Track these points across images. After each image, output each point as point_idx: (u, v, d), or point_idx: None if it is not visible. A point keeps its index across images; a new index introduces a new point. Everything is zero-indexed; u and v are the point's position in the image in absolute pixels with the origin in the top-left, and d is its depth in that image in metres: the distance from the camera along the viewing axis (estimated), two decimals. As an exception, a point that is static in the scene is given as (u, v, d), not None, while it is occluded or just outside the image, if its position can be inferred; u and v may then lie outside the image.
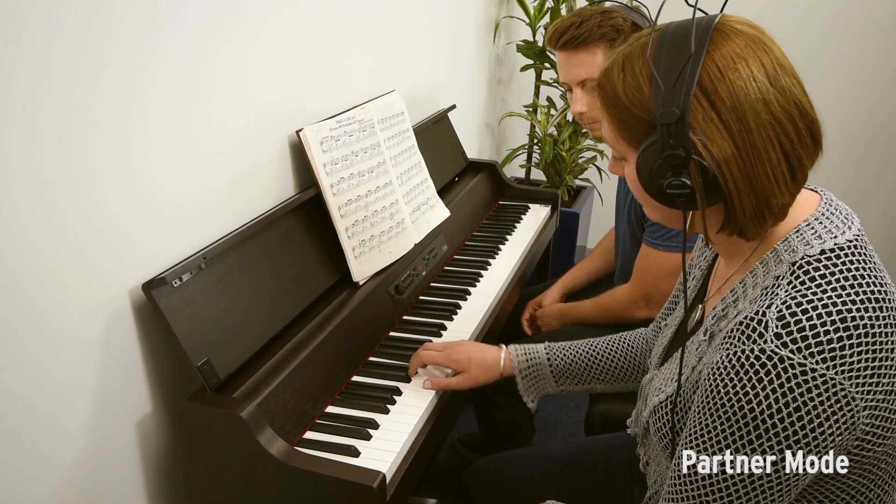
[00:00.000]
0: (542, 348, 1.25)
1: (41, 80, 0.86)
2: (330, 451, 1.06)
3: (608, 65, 0.80)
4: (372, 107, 1.55)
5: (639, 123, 0.76)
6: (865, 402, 0.70)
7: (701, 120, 0.72)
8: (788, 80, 0.73)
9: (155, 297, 1.00)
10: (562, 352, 1.24)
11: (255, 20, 1.24)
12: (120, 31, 0.96)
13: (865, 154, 2.82)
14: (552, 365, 1.23)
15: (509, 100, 2.97)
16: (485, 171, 2.16)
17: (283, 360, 1.15)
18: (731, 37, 0.73)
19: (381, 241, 1.48)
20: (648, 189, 0.78)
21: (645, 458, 1.03)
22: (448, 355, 1.24)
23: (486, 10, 2.52)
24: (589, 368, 1.23)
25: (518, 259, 1.80)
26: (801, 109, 0.73)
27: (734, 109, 0.71)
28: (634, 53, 0.77)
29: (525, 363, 1.24)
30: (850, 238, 0.76)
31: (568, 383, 1.24)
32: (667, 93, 0.72)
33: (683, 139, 0.72)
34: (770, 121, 0.72)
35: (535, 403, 1.25)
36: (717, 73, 0.72)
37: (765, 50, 0.73)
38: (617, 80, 0.78)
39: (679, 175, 0.74)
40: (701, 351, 0.84)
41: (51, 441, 0.96)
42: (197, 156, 1.15)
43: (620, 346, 1.24)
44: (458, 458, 2.08)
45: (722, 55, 0.72)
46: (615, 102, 0.78)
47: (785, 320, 0.70)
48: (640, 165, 0.78)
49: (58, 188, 0.90)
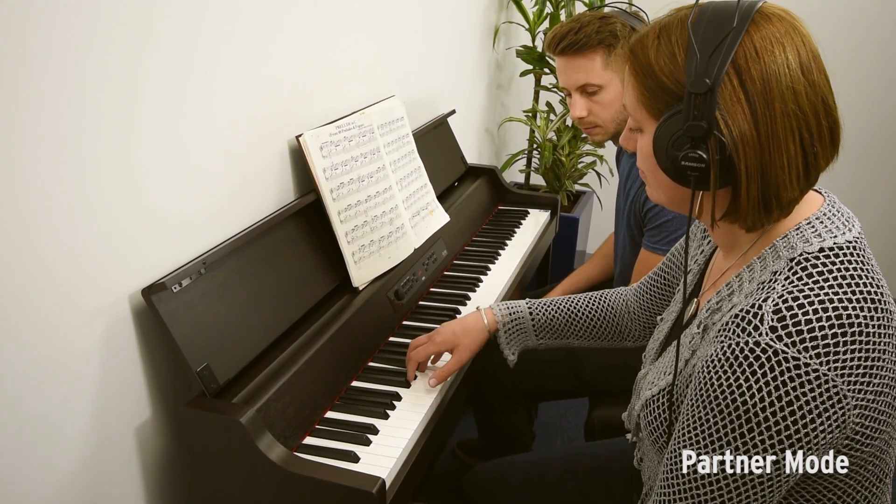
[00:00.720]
0: (524, 303, 1.29)
1: (42, 86, 0.86)
2: (329, 457, 1.06)
3: (643, 33, 0.80)
4: (372, 112, 1.55)
5: (664, 93, 0.76)
6: (856, 400, 0.71)
7: (727, 97, 0.72)
8: (820, 76, 0.74)
9: (155, 302, 1.00)
10: (543, 307, 1.28)
11: (254, 25, 1.24)
12: (120, 36, 0.96)
13: (863, 157, 2.82)
14: (534, 318, 1.28)
15: (509, 105, 2.97)
16: (484, 176, 2.16)
17: (282, 366, 1.15)
18: (773, 20, 0.73)
19: (380, 247, 1.48)
20: (661, 161, 0.78)
21: (639, 454, 1.03)
22: (433, 340, 1.26)
23: (486, 15, 2.52)
24: (568, 324, 1.27)
25: (518, 264, 1.80)
26: (826, 107, 0.73)
27: (763, 93, 0.71)
28: (672, 24, 0.77)
29: (508, 317, 1.28)
30: (850, 239, 0.77)
31: (547, 337, 1.29)
32: (701, 62, 0.72)
33: (709, 112, 0.72)
34: (796, 111, 0.71)
35: (514, 356, 1.29)
36: (753, 54, 0.72)
37: (802, 40, 0.73)
38: (651, 46, 0.77)
39: (697, 148, 0.73)
40: (694, 344, 0.84)
41: (50, 446, 0.96)
42: (197, 161, 1.15)
43: (600, 305, 1.28)
44: (457, 464, 2.07)
45: (761, 37, 0.72)
46: (645, 69, 0.78)
47: (781, 314, 0.70)
48: (657, 135, 0.77)
49: (58, 194, 0.90)
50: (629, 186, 1.58)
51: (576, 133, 2.61)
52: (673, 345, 0.90)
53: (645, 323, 1.25)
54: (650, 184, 0.86)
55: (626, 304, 1.26)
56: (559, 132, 2.61)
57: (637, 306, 1.25)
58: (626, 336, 1.28)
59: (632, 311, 1.26)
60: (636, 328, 1.26)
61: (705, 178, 0.75)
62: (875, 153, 2.83)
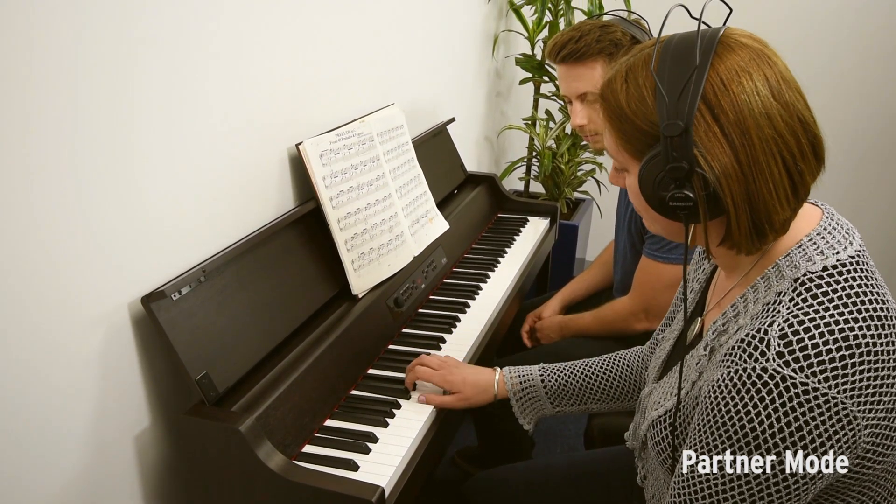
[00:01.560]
0: (537, 370, 1.24)
1: (43, 91, 0.86)
2: (329, 465, 1.06)
3: (611, 76, 0.80)
4: (371, 120, 1.55)
5: (641, 135, 0.76)
6: (867, 420, 0.70)
7: (703, 134, 0.72)
8: (792, 95, 0.73)
9: (154, 310, 1.00)
10: (556, 373, 1.23)
11: (255, 33, 1.25)
12: (119, 43, 0.97)
13: (861, 165, 2.82)
14: (546, 386, 1.22)
15: (508, 113, 2.98)
16: (484, 183, 2.17)
17: (281, 374, 1.14)
18: (736, 49, 0.73)
19: (380, 254, 1.48)
20: (650, 201, 0.78)
21: (643, 471, 1.03)
22: (443, 376, 1.23)
23: (485, 23, 2.53)
24: (584, 389, 1.22)
25: (517, 272, 1.80)
26: (804, 124, 0.73)
27: (737, 123, 0.71)
28: (638, 65, 0.77)
29: (519, 385, 1.23)
30: (852, 254, 0.76)
31: (564, 404, 1.23)
32: (671, 105, 0.72)
33: (687, 152, 0.72)
34: (773, 135, 0.71)
35: (531, 425, 1.24)
36: (721, 86, 0.71)
37: (769, 63, 0.73)
38: (620, 91, 0.77)
39: (682, 188, 0.73)
40: (701, 366, 0.83)
41: (49, 453, 0.95)
42: (197, 168, 1.15)
43: (616, 366, 1.22)
44: (457, 472, 2.07)
45: (726, 68, 0.72)
46: (618, 114, 0.78)
47: (787, 339, 0.69)
48: (642, 177, 0.77)
49: (58, 201, 0.91)
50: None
51: (575, 141, 2.61)
52: (677, 364, 0.90)
53: None
54: (646, 219, 0.86)
55: (641, 360, 1.22)
56: (558, 140, 2.62)
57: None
58: None
59: (648, 364, 1.20)
60: None
61: (695, 213, 0.75)
62: (870, 166, 2.83)
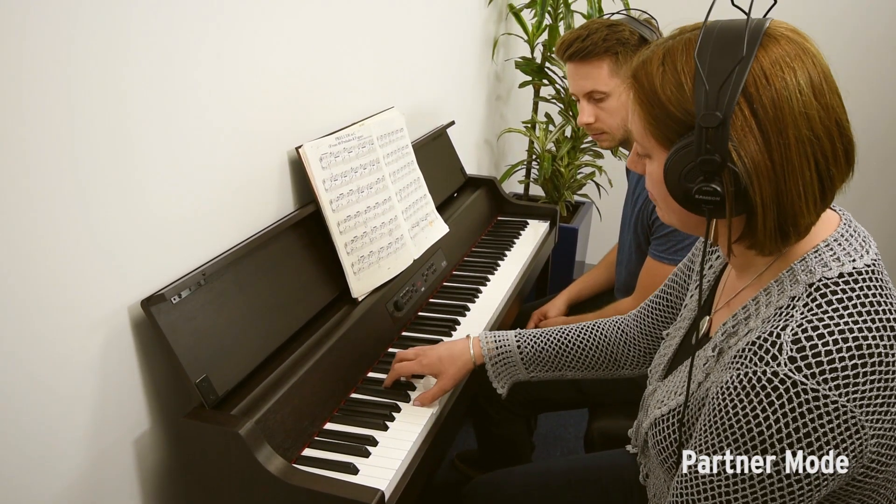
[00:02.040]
0: (513, 335, 1.24)
1: (39, 95, 0.86)
2: (328, 469, 1.06)
3: (646, 56, 0.76)
4: (371, 123, 1.55)
5: (673, 122, 0.73)
6: (874, 430, 0.70)
7: (739, 127, 0.69)
8: (833, 97, 0.71)
9: (154, 314, 1.00)
10: (532, 339, 1.23)
11: (255, 36, 1.25)
12: (116, 46, 0.97)
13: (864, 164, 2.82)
14: (522, 352, 1.22)
15: (508, 116, 2.98)
16: (483, 186, 2.17)
17: (281, 377, 1.14)
18: (781, 42, 0.70)
19: (380, 257, 1.48)
20: (674, 192, 0.75)
21: (645, 470, 1.02)
22: (420, 362, 1.24)
23: (485, 27, 2.53)
24: (560, 356, 1.22)
25: (517, 274, 1.80)
26: (840, 128, 0.71)
27: (776, 120, 0.69)
28: (677, 49, 0.73)
29: (495, 350, 1.23)
30: (868, 262, 0.75)
31: (538, 370, 1.23)
32: (711, 95, 0.69)
33: (721, 145, 0.69)
34: (810, 136, 0.69)
35: (504, 389, 1.24)
36: (763, 80, 0.69)
37: (813, 61, 0.70)
38: (656, 74, 0.74)
39: (710, 181, 0.71)
40: (709, 367, 0.82)
41: (49, 456, 0.95)
42: (197, 171, 1.15)
43: (593, 335, 1.22)
44: (457, 475, 2.07)
45: (770, 61, 0.69)
46: (651, 98, 0.75)
47: (800, 344, 0.69)
48: (668, 167, 0.74)
49: (58, 205, 0.91)
50: (637, 195, 1.58)
51: (575, 144, 2.61)
52: (684, 363, 0.89)
53: (645, 349, 1.20)
54: (661, 207, 0.84)
55: (622, 331, 1.22)
56: (558, 143, 2.62)
57: (637, 331, 1.20)
58: (622, 365, 1.23)
59: (630, 337, 1.21)
60: (634, 355, 1.21)
61: (720, 208, 0.72)
62: (873, 165, 2.83)
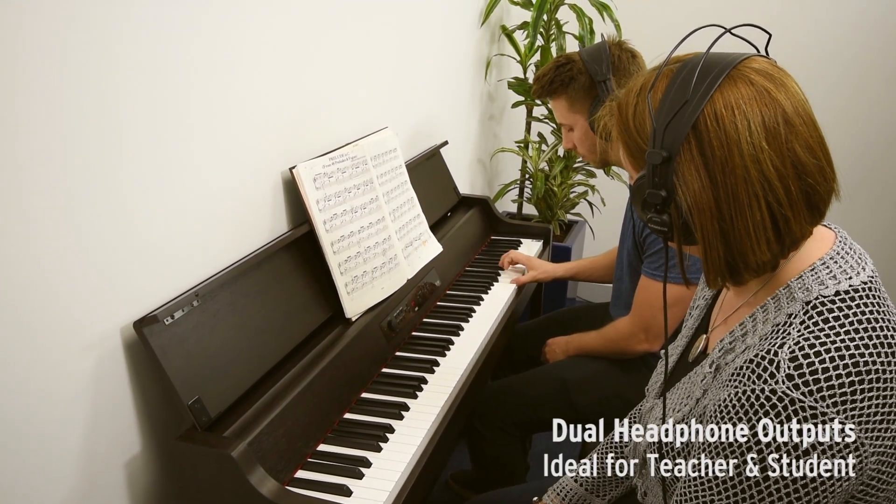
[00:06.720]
0: (568, 473, 1.14)
1: (30, 115, 0.87)
2: (322, 491, 1.05)
3: (630, 85, 0.80)
4: (365, 143, 1.56)
5: (641, 152, 0.77)
6: (874, 447, 0.70)
7: (685, 163, 0.72)
8: (792, 139, 0.70)
9: (146, 335, 1.00)
10: (583, 465, 1.13)
11: (249, 58, 1.26)
12: (109, 66, 0.97)
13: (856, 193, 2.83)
14: (582, 484, 1.13)
15: (501, 136, 3.00)
16: (477, 206, 2.18)
17: (274, 398, 1.14)
18: (740, 85, 0.71)
19: (373, 277, 1.48)
20: (640, 217, 0.80)
21: (643, 488, 1.02)
22: None
23: (478, 48, 2.56)
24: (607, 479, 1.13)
25: (510, 294, 1.80)
26: (798, 171, 0.71)
27: (723, 161, 0.70)
28: (649, 82, 0.76)
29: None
30: (865, 280, 0.75)
31: (608, 491, 1.14)
32: (659, 133, 0.73)
33: (667, 180, 0.72)
34: (759, 178, 0.70)
35: None
36: (714, 121, 0.70)
37: (772, 103, 0.71)
38: (630, 105, 0.78)
39: (661, 213, 0.75)
40: (706, 383, 0.82)
41: (39, 479, 0.94)
42: (190, 193, 1.15)
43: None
44: (451, 496, 2.05)
45: (725, 103, 0.71)
46: (624, 127, 0.79)
47: (798, 362, 0.69)
48: (632, 193, 0.79)
49: (50, 226, 0.91)
50: (634, 210, 1.60)
51: (567, 163, 2.63)
52: (682, 381, 0.90)
53: None
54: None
55: None
56: (551, 162, 2.64)
57: None
58: None
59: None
60: None
61: (672, 238, 0.76)
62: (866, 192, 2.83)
